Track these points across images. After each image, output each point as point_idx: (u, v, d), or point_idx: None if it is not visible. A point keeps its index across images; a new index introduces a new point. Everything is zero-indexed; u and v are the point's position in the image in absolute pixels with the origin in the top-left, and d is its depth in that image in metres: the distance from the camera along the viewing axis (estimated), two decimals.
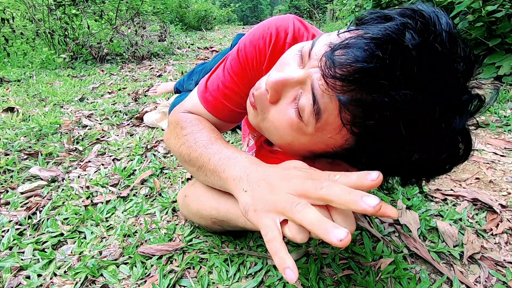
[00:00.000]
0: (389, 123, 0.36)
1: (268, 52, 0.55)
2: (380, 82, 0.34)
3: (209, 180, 0.50)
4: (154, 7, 4.63)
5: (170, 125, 0.62)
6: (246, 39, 0.57)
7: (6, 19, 2.59)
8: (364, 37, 0.35)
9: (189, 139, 0.55)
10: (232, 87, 0.58)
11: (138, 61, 2.85)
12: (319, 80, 0.39)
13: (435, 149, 0.38)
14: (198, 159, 0.51)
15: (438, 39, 0.33)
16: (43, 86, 1.95)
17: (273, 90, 0.44)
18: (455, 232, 0.68)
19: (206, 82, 0.61)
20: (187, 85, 1.54)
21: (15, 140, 1.15)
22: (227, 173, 0.45)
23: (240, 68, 0.57)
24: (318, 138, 0.43)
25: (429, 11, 0.35)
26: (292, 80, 0.42)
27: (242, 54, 0.57)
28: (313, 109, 0.40)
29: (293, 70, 0.43)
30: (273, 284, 0.55)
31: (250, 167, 0.43)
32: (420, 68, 0.33)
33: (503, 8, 1.51)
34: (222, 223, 0.55)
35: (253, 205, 0.38)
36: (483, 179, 0.90)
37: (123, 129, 1.32)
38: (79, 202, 0.80)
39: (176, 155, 0.59)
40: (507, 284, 0.56)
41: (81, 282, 0.56)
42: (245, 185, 0.41)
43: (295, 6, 10.12)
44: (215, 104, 0.60)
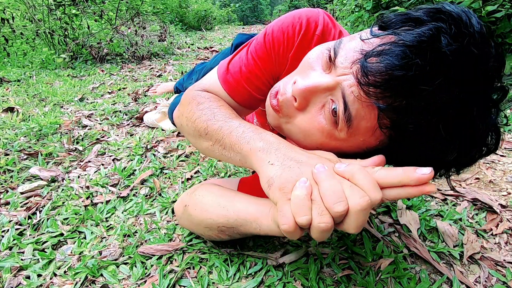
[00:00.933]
0: (427, 125, 0.36)
1: (297, 41, 0.54)
2: (420, 88, 0.34)
3: (227, 154, 0.48)
4: (154, 7, 4.63)
5: (184, 101, 0.59)
6: (274, 26, 0.56)
7: (6, 19, 2.59)
8: (398, 43, 0.35)
9: (207, 112, 0.52)
10: (255, 71, 0.57)
11: (138, 61, 2.85)
12: (350, 87, 0.39)
13: (470, 145, 0.39)
14: (217, 132, 0.49)
15: (472, 41, 0.34)
16: (43, 86, 1.95)
17: (301, 98, 0.43)
18: (455, 232, 0.68)
19: (228, 64, 0.59)
20: (187, 85, 1.54)
21: (15, 140, 1.15)
22: (251, 144, 0.43)
23: (265, 53, 0.56)
24: (350, 142, 0.44)
25: (458, 12, 0.35)
26: (320, 87, 0.42)
27: (269, 39, 0.55)
28: (344, 116, 0.40)
29: (320, 76, 0.43)
30: (273, 284, 0.55)
31: (280, 143, 0.42)
32: (458, 72, 0.34)
33: (503, 8, 1.51)
34: (231, 230, 0.54)
35: (279, 183, 0.37)
36: (483, 179, 0.90)
37: (123, 129, 1.32)
38: (79, 202, 0.80)
39: (188, 130, 0.56)
40: (507, 284, 0.56)
41: (81, 282, 0.56)
42: (273, 158, 0.40)
43: (295, 6, 10.12)
44: (235, 87, 0.57)
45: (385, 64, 0.35)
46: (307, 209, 0.34)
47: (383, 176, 0.35)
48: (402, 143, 0.40)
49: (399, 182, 0.34)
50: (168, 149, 1.10)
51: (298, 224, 0.34)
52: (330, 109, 0.42)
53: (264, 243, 0.65)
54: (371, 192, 0.33)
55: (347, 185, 0.34)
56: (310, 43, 0.53)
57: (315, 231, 0.34)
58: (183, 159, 1.04)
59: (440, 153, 0.39)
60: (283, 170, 0.38)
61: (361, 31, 0.45)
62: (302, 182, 0.36)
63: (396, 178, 0.34)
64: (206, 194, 0.58)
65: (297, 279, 0.56)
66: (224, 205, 0.54)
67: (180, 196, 0.66)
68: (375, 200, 0.33)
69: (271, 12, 13.59)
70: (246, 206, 0.51)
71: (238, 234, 0.55)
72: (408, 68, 0.34)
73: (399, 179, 0.34)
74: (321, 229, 0.34)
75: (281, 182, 0.37)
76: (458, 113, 0.36)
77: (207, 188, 0.60)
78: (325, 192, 0.34)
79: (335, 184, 0.34)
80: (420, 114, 0.36)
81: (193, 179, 0.92)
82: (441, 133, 0.37)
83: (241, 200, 0.53)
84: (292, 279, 0.56)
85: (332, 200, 0.33)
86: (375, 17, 2.51)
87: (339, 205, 0.33)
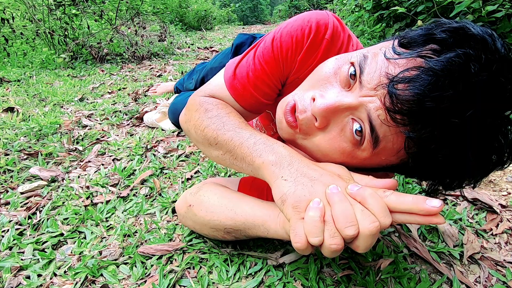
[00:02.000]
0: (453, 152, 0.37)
1: (306, 44, 0.53)
2: (444, 117, 0.35)
3: (238, 164, 0.48)
4: (154, 7, 4.63)
5: (191, 107, 0.59)
6: (282, 29, 0.55)
7: (6, 19, 2.59)
8: (427, 71, 0.34)
9: (216, 121, 0.52)
10: (262, 76, 0.56)
11: (138, 61, 2.85)
12: (376, 110, 0.38)
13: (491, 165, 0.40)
14: (228, 142, 0.49)
15: (500, 68, 0.34)
16: (43, 86, 1.95)
17: (322, 118, 0.42)
18: (455, 232, 0.68)
19: (234, 69, 0.58)
20: (187, 84, 1.54)
21: (15, 140, 1.15)
22: (264, 157, 0.43)
23: (272, 58, 0.55)
24: (371, 160, 0.44)
25: (483, 35, 0.35)
26: (342, 106, 0.41)
27: (276, 43, 0.54)
28: (371, 138, 0.40)
29: (341, 94, 0.42)
30: (273, 284, 0.55)
31: (292, 157, 0.43)
32: (488, 102, 0.34)
33: (503, 8, 1.51)
34: (238, 232, 0.55)
35: (293, 201, 0.38)
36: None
37: (123, 129, 1.32)
38: (79, 202, 0.80)
39: (197, 138, 0.56)
40: (507, 284, 0.56)
41: (81, 282, 0.56)
42: (286, 173, 0.41)
43: (295, 6, 10.11)
44: (242, 93, 0.57)
45: (415, 94, 0.34)
46: (320, 231, 0.35)
47: (393, 201, 0.36)
48: (423, 163, 0.41)
49: (409, 210, 0.35)
50: (168, 149, 1.10)
51: (310, 244, 0.36)
52: (352, 129, 0.41)
53: (264, 243, 0.65)
54: (382, 218, 0.35)
55: (358, 209, 0.36)
56: (319, 47, 0.53)
57: (326, 251, 0.36)
58: (183, 159, 1.04)
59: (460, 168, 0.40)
60: (296, 187, 0.39)
61: (382, 42, 0.44)
62: (316, 203, 0.37)
63: (406, 205, 0.35)
64: (211, 195, 0.58)
65: (297, 279, 0.56)
66: (231, 208, 0.54)
67: (181, 195, 0.66)
68: (385, 225, 0.35)
69: (271, 12, 13.59)
70: (253, 209, 0.51)
71: (245, 236, 0.55)
72: (440, 101, 0.34)
73: (409, 207, 0.35)
74: (332, 250, 0.35)
75: (295, 200, 0.38)
76: (485, 140, 0.37)
77: (211, 188, 0.60)
78: (338, 215, 0.35)
79: (347, 208, 0.36)
80: (448, 142, 0.36)
81: (193, 179, 0.92)
82: (465, 158, 0.37)
83: (248, 202, 0.53)
84: (292, 279, 0.56)
85: (344, 224, 0.35)
86: (375, 17, 2.51)
87: (350, 229, 0.35)
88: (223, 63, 1.28)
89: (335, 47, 0.53)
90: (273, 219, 0.47)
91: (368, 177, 0.42)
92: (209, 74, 1.32)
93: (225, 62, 1.29)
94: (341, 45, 0.54)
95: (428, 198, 0.34)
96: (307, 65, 0.53)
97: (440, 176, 0.43)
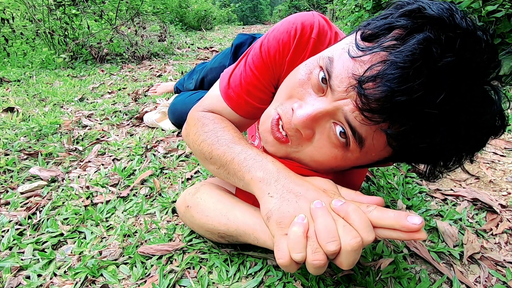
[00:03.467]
0: (433, 133, 0.37)
1: (293, 45, 0.54)
2: (417, 108, 0.35)
3: (231, 179, 0.50)
4: (154, 7, 4.63)
5: (190, 121, 0.61)
6: (269, 34, 0.56)
7: (6, 19, 2.59)
8: (391, 63, 0.34)
9: (211, 136, 0.53)
10: (254, 82, 0.57)
11: (138, 61, 2.85)
12: (353, 112, 0.38)
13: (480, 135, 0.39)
14: (221, 157, 0.50)
15: (463, 44, 0.33)
16: (43, 86, 1.95)
17: (305, 129, 0.43)
18: (455, 232, 0.68)
19: (228, 79, 0.60)
20: (187, 84, 1.54)
21: (15, 140, 1.15)
22: (252, 173, 0.44)
23: (262, 63, 0.56)
24: (363, 159, 0.44)
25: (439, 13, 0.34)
26: (320, 114, 0.41)
27: (264, 49, 0.56)
28: (355, 139, 0.40)
29: (316, 101, 0.42)
30: (273, 284, 0.55)
31: (279, 173, 0.43)
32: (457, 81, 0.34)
33: (503, 8, 1.51)
34: (231, 238, 0.56)
35: (277, 217, 0.38)
36: (483, 179, 0.90)
37: (123, 129, 1.32)
38: (79, 202, 0.80)
39: (195, 152, 0.58)
40: (507, 284, 0.56)
41: (81, 282, 0.56)
42: (272, 190, 0.41)
43: (295, 6, 10.12)
44: (237, 101, 0.58)
45: (383, 90, 0.34)
46: (302, 246, 0.35)
47: (376, 217, 0.36)
48: (412, 149, 0.41)
49: (391, 226, 0.35)
50: (168, 149, 1.10)
51: (293, 260, 0.36)
52: (336, 133, 0.41)
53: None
54: (364, 233, 0.35)
55: (341, 225, 0.36)
56: (306, 46, 0.53)
57: (310, 267, 0.36)
58: (183, 159, 1.04)
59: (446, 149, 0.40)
60: (282, 203, 0.39)
61: (347, 36, 0.44)
62: (300, 218, 0.37)
63: (388, 221, 0.35)
64: (207, 198, 0.59)
65: (297, 279, 0.56)
66: (225, 213, 0.54)
67: (181, 194, 0.66)
68: (367, 241, 0.35)
69: (271, 12, 13.59)
70: (245, 217, 0.52)
71: (238, 242, 0.56)
72: (408, 93, 0.33)
73: (390, 223, 0.35)
74: (315, 266, 0.35)
75: (279, 216, 0.38)
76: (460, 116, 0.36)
77: (208, 191, 0.61)
78: (320, 230, 0.35)
79: (329, 223, 0.35)
80: (427, 131, 0.36)
81: (193, 179, 0.92)
82: (450, 137, 0.37)
83: (241, 209, 0.54)
84: (292, 279, 0.56)
85: (325, 239, 0.35)
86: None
87: (331, 244, 0.34)
88: (223, 63, 1.28)
89: (322, 45, 0.54)
90: (262, 230, 0.48)
91: (355, 193, 0.42)
92: (208, 74, 1.32)
93: (225, 62, 1.29)
94: (329, 42, 0.54)
95: (410, 214, 0.34)
96: (296, 65, 0.54)
97: (432, 160, 0.43)
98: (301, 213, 0.38)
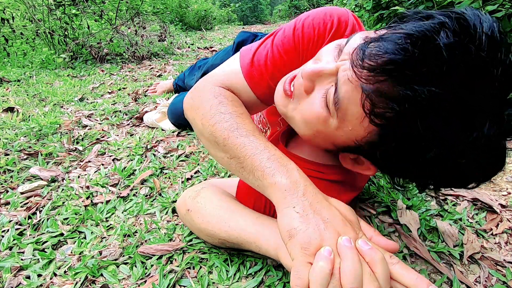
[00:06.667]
0: (410, 117, 0.34)
1: (328, 37, 0.54)
2: (405, 74, 0.33)
3: (244, 174, 0.47)
4: (154, 7, 4.63)
5: (202, 95, 0.55)
6: (304, 20, 0.55)
7: (6, 19, 2.59)
8: (398, 32, 0.35)
9: (229, 120, 0.49)
10: (280, 66, 0.55)
11: (138, 61, 2.85)
12: (344, 71, 0.39)
13: (458, 154, 0.36)
14: (238, 149, 0.46)
15: (475, 41, 0.32)
16: (43, 86, 1.95)
17: (307, 80, 0.44)
18: (455, 232, 0.68)
19: (252, 56, 0.56)
20: (188, 81, 1.51)
21: (15, 140, 1.15)
22: (276, 178, 0.42)
23: (292, 47, 0.55)
24: (340, 131, 0.43)
25: (471, 13, 0.33)
26: (325, 71, 0.42)
27: (298, 33, 0.54)
28: (333, 98, 0.40)
29: (328, 62, 0.43)
30: (273, 284, 0.55)
31: (306, 187, 0.41)
32: (450, 67, 0.32)
33: (503, 8, 1.51)
34: (232, 244, 0.56)
35: (303, 241, 0.36)
36: None
37: (123, 129, 1.32)
38: (79, 202, 0.80)
39: (203, 132, 0.52)
40: (507, 284, 0.56)
41: (81, 282, 0.56)
42: (298, 205, 0.39)
43: (295, 6, 10.12)
44: (259, 82, 0.55)
45: (380, 49, 0.35)
46: (326, 283, 0.34)
47: (398, 273, 0.37)
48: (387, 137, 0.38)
49: (409, 286, 0.36)
50: (168, 149, 1.10)
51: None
52: (331, 93, 0.42)
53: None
54: (384, 286, 0.35)
55: (367, 272, 0.35)
56: None
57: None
58: (183, 159, 1.04)
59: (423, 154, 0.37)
60: (308, 225, 0.37)
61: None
62: (327, 252, 0.36)
63: (408, 282, 0.36)
64: (208, 203, 0.58)
65: None
66: (226, 220, 0.54)
67: (181, 195, 0.66)
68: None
69: (271, 12, 13.59)
70: (247, 225, 0.51)
71: (239, 248, 0.56)
72: (398, 53, 0.33)
73: (410, 283, 0.35)
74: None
75: (305, 241, 0.37)
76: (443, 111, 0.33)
77: (209, 195, 0.60)
78: (346, 272, 0.35)
79: (357, 268, 0.35)
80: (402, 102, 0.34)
81: (193, 179, 0.92)
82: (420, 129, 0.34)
83: (242, 216, 0.53)
84: None
85: (350, 282, 0.34)
86: (375, 17, 2.51)
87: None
88: (224, 60, 1.27)
89: None
90: (264, 238, 0.48)
91: (373, 230, 0.42)
92: (209, 70, 1.32)
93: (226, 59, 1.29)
94: None
95: (431, 284, 0.34)
96: None
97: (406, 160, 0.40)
98: (328, 245, 0.36)
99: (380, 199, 0.81)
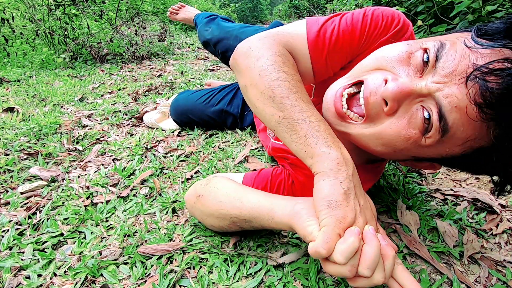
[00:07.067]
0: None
1: (391, 32, 0.54)
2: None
3: (291, 137, 0.45)
4: (154, 7, 4.63)
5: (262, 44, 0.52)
6: (374, 10, 0.55)
7: (6, 19, 2.59)
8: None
9: (291, 81, 0.47)
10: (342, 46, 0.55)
11: (138, 61, 2.85)
12: (446, 97, 0.38)
13: None
14: (294, 111, 0.45)
15: None
16: (43, 86, 1.95)
17: (394, 101, 0.41)
18: (455, 232, 0.68)
19: (320, 28, 0.55)
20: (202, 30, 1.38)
21: (15, 140, 1.15)
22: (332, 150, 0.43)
23: (358, 30, 0.55)
24: (432, 149, 0.43)
25: None
26: (416, 91, 0.40)
27: (367, 19, 0.54)
28: (439, 126, 0.39)
29: (414, 79, 0.41)
30: (273, 284, 0.55)
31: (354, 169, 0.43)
32: None
33: (503, 8, 1.50)
34: (243, 222, 0.55)
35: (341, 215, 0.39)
36: (483, 179, 0.90)
37: (123, 129, 1.32)
38: (79, 202, 0.80)
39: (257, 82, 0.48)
40: (507, 284, 0.56)
41: (81, 282, 0.56)
42: (346, 182, 0.41)
43: (295, 6, 10.11)
44: (320, 54, 0.55)
45: (505, 87, 0.33)
46: (350, 256, 0.37)
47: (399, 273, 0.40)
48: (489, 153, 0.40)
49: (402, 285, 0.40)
50: (168, 149, 1.10)
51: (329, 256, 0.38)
52: (422, 116, 0.40)
53: (264, 243, 0.65)
54: (387, 278, 0.39)
55: (380, 263, 0.39)
56: (398, 40, 0.54)
57: (334, 271, 0.38)
58: (183, 159, 1.04)
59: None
60: (349, 204, 0.40)
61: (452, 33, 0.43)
62: (358, 232, 0.39)
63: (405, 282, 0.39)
64: (221, 186, 0.60)
65: (297, 279, 0.56)
66: (239, 198, 0.55)
67: (191, 187, 0.67)
68: (382, 282, 0.39)
69: (271, 12, 13.59)
70: (259, 199, 0.52)
71: (250, 226, 0.56)
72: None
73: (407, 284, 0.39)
74: (342, 274, 0.38)
75: (342, 216, 0.39)
76: None
77: (221, 180, 0.62)
78: (367, 255, 0.38)
79: (377, 256, 0.38)
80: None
81: (193, 179, 0.92)
82: None
83: (254, 193, 0.55)
84: (292, 279, 0.56)
85: (367, 265, 0.37)
86: None
87: (368, 272, 0.37)
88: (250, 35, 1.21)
89: None
90: (280, 207, 0.48)
91: (382, 231, 0.45)
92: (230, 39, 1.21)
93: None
94: None
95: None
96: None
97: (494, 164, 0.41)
98: (358, 226, 0.40)
99: (380, 199, 0.81)
